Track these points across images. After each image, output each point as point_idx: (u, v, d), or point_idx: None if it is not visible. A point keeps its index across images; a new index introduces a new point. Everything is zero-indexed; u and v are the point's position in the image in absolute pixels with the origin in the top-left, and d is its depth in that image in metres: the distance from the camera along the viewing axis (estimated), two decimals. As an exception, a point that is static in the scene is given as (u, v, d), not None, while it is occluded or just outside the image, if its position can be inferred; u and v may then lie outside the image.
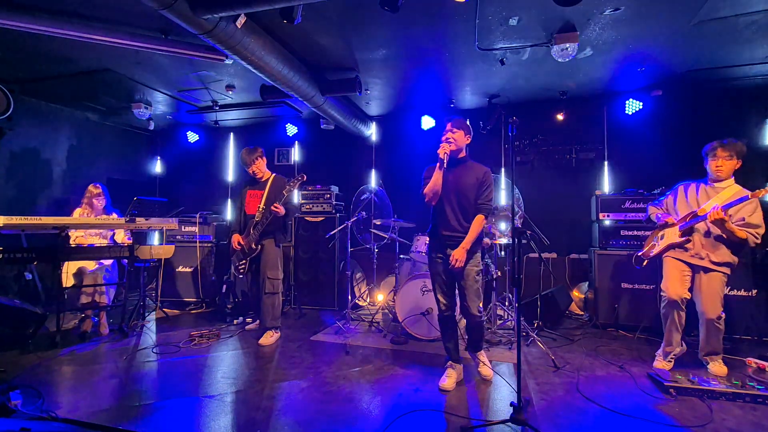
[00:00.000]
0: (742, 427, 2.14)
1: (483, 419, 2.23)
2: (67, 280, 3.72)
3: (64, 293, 3.65)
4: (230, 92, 4.63)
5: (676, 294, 2.84)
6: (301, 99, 4.07)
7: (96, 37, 3.14)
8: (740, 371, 2.89)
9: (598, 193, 4.34)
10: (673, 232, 2.95)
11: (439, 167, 2.58)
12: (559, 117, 4.80)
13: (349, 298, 4.03)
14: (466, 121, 2.70)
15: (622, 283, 3.99)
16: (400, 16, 2.92)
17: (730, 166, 2.81)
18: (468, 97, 4.90)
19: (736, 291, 3.61)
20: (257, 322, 3.95)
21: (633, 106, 4.60)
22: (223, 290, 4.66)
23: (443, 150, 2.54)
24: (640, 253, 3.19)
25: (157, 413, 2.29)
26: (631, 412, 2.30)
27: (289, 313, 4.70)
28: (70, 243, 3.83)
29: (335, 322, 4.17)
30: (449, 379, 2.66)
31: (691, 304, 2.90)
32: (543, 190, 5.00)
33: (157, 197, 6.43)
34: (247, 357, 3.23)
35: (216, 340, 3.63)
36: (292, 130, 5.80)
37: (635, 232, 4.08)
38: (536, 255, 4.45)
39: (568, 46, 3.23)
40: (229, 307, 4.57)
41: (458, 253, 2.51)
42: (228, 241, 3.78)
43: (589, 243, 4.63)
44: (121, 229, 3.99)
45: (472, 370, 2.89)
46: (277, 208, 3.41)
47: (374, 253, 4.31)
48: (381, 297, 4.58)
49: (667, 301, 2.89)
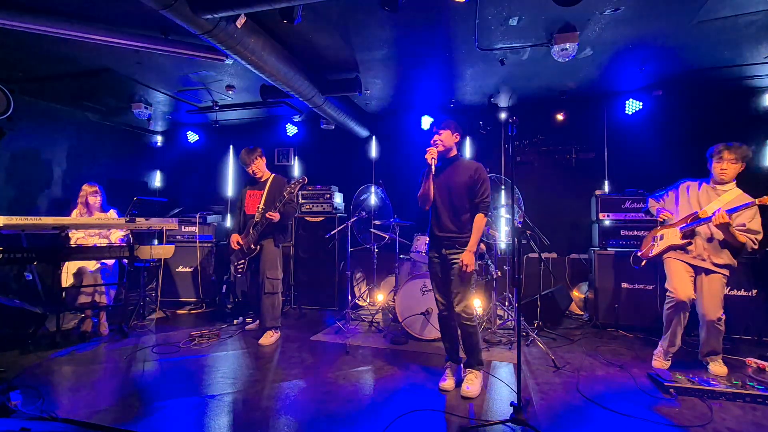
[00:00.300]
0: (742, 427, 2.14)
1: (483, 419, 2.23)
2: (67, 280, 3.72)
3: (64, 293, 3.65)
4: (230, 92, 4.63)
5: (685, 295, 2.82)
6: (301, 99, 4.07)
7: (96, 37, 3.14)
8: (740, 371, 2.89)
9: (598, 193, 4.34)
10: (674, 234, 2.94)
11: (428, 173, 2.60)
12: (559, 117, 4.80)
13: (349, 298, 4.03)
14: (453, 120, 2.69)
15: (622, 283, 3.99)
16: (400, 16, 2.93)
17: (735, 170, 2.81)
18: (468, 97, 4.90)
19: (736, 291, 3.61)
20: (257, 322, 3.95)
21: (633, 106, 4.60)
22: (223, 290, 4.67)
23: (430, 155, 2.55)
24: (639, 254, 3.19)
25: (157, 413, 2.29)
26: (631, 412, 2.30)
27: (289, 313, 4.70)
28: (71, 244, 3.84)
29: (335, 322, 4.17)
30: (449, 379, 2.66)
31: (693, 304, 2.90)
32: (543, 190, 5.00)
33: (157, 197, 6.43)
34: (247, 357, 3.23)
35: (216, 340, 3.63)
36: (292, 130, 5.80)
37: (635, 232, 4.08)
38: (536, 255, 4.45)
39: (568, 46, 3.23)
40: (229, 307, 4.57)
41: (465, 257, 2.49)
42: (228, 241, 3.78)
43: (589, 243, 4.63)
44: (115, 230, 3.98)
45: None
46: (272, 216, 3.41)
47: (374, 253, 4.31)
48: (381, 297, 4.58)
49: (675, 302, 2.85)
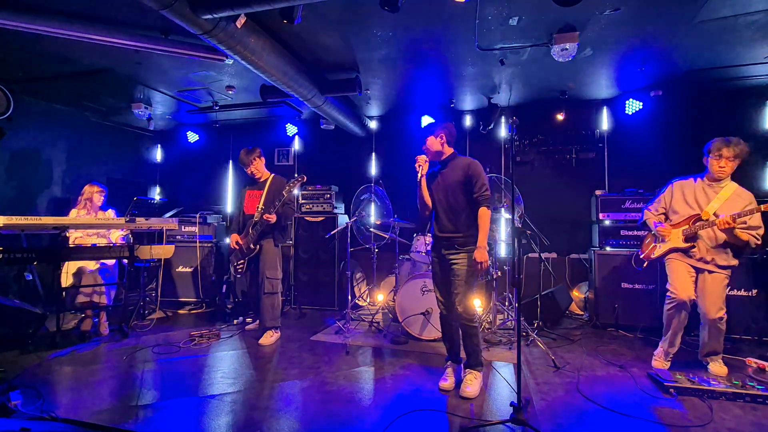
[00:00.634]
0: (742, 427, 2.14)
1: (483, 419, 2.23)
2: (67, 280, 3.72)
3: (64, 293, 3.65)
4: (230, 92, 4.63)
5: (686, 295, 2.82)
6: (301, 99, 4.07)
7: (96, 37, 3.14)
8: (740, 371, 2.89)
9: (598, 193, 4.34)
10: (677, 236, 2.93)
11: (419, 180, 2.68)
12: (559, 117, 4.80)
13: (349, 298, 4.03)
14: (440, 122, 2.76)
15: (622, 283, 3.99)
16: (400, 16, 2.92)
17: (733, 167, 2.81)
18: (468, 97, 4.90)
19: (736, 291, 3.61)
20: (257, 322, 3.95)
21: (633, 106, 4.60)
22: (223, 290, 4.66)
23: (417, 163, 2.65)
24: (641, 255, 3.18)
25: (157, 413, 2.29)
26: (631, 412, 2.30)
27: (289, 313, 4.70)
28: (69, 243, 3.84)
29: (335, 322, 4.17)
30: (449, 379, 2.66)
31: (693, 304, 2.89)
32: (543, 190, 5.00)
33: (157, 197, 6.43)
34: (247, 357, 3.23)
35: (216, 340, 3.63)
36: (292, 130, 5.80)
37: (635, 232, 4.08)
38: (536, 255, 4.45)
39: (568, 46, 3.23)
40: (229, 307, 4.57)
41: (479, 254, 2.48)
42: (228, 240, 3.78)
43: (589, 243, 4.63)
44: (115, 230, 3.99)
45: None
46: (269, 217, 3.41)
47: (374, 253, 4.31)
48: (381, 297, 4.58)
49: (676, 303, 2.85)
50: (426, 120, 5.15)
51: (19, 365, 2.96)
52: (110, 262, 3.95)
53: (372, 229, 4.51)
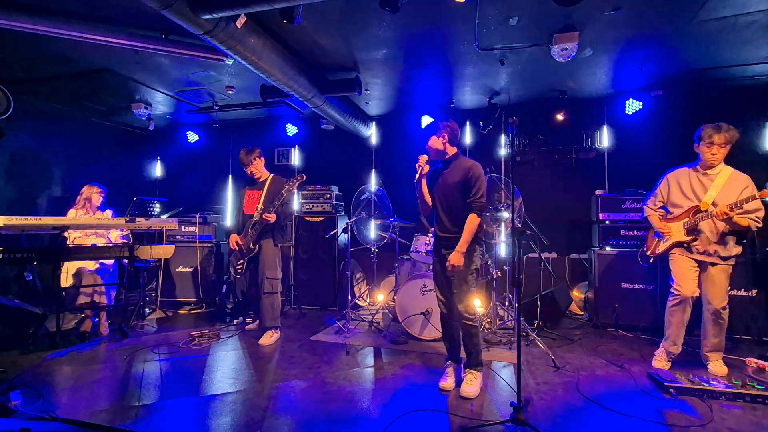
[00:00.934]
0: (742, 427, 2.14)
1: (483, 419, 2.23)
2: (67, 280, 3.72)
3: (64, 293, 3.65)
4: (230, 92, 4.63)
5: (690, 291, 2.83)
6: (301, 99, 4.07)
7: (96, 37, 3.14)
8: (740, 371, 2.89)
9: (598, 193, 4.34)
10: (678, 230, 2.92)
11: (418, 181, 2.68)
12: (559, 117, 4.80)
13: (349, 298, 4.03)
14: (439, 122, 2.69)
15: (622, 283, 3.99)
16: (400, 16, 2.92)
17: (725, 153, 2.80)
18: (468, 97, 4.90)
19: (736, 291, 3.60)
20: (257, 322, 3.95)
21: (633, 106, 4.60)
22: (223, 290, 4.66)
23: (418, 164, 2.65)
24: (647, 252, 3.17)
25: (157, 413, 2.29)
26: (631, 412, 2.30)
27: (289, 313, 4.70)
28: (68, 243, 3.84)
29: (335, 322, 4.17)
30: (449, 379, 2.66)
31: (694, 303, 2.90)
32: (543, 190, 5.00)
33: (157, 197, 6.42)
34: (247, 357, 3.23)
35: (216, 340, 3.63)
36: (292, 130, 5.80)
37: (635, 232, 4.08)
38: (536, 255, 4.45)
39: (568, 46, 3.23)
40: (229, 307, 4.57)
41: (453, 257, 2.50)
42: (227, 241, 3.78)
43: (589, 243, 4.63)
44: (114, 229, 3.99)
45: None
46: (268, 217, 3.41)
47: (374, 253, 4.31)
48: (381, 297, 4.58)
49: (680, 299, 2.86)
50: (426, 120, 5.16)
51: (19, 365, 2.96)
52: (110, 262, 3.95)
53: (372, 229, 4.51)
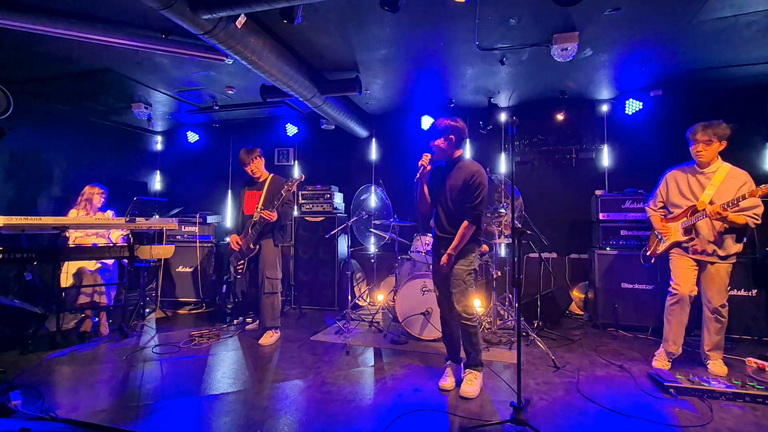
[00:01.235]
0: (742, 427, 2.15)
1: (483, 419, 2.23)
2: (67, 280, 3.72)
3: (64, 293, 3.65)
4: (230, 92, 4.63)
5: (688, 290, 2.85)
6: (301, 99, 4.07)
7: (96, 37, 3.14)
8: (740, 371, 2.89)
9: (598, 193, 4.34)
10: (677, 230, 2.93)
11: (420, 178, 2.65)
12: (559, 117, 4.80)
13: (349, 298, 4.03)
14: (447, 120, 2.61)
15: (622, 283, 3.99)
16: (400, 16, 2.92)
17: (711, 150, 2.80)
18: (468, 97, 4.89)
19: (736, 291, 3.60)
20: (257, 322, 3.95)
21: (633, 106, 4.60)
22: (223, 290, 4.66)
23: (421, 162, 2.60)
24: (648, 252, 3.18)
25: (157, 413, 2.29)
26: (631, 412, 2.30)
27: (289, 313, 4.70)
28: (69, 243, 3.84)
29: (335, 322, 4.17)
30: (449, 378, 2.66)
31: (693, 303, 2.90)
32: (543, 191, 5.00)
33: (157, 197, 6.42)
34: (247, 357, 3.23)
35: (216, 340, 3.63)
36: (292, 130, 5.80)
37: (635, 232, 4.08)
38: (536, 255, 4.45)
39: (568, 46, 3.23)
40: (229, 307, 4.57)
41: (443, 258, 2.55)
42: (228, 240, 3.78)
43: (589, 243, 4.63)
44: (115, 230, 3.99)
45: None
46: (270, 215, 3.41)
47: (374, 253, 4.31)
48: (381, 297, 4.58)
49: (677, 298, 2.88)
50: (426, 120, 5.15)
51: (19, 365, 2.96)
52: (110, 262, 3.95)
53: (372, 229, 4.51)
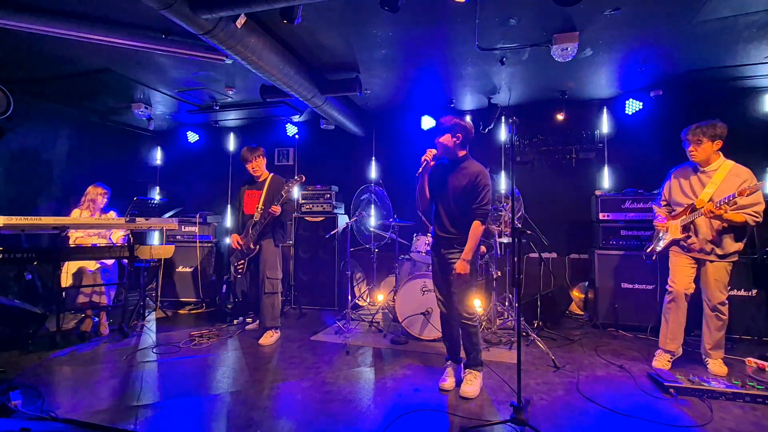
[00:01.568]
0: (742, 427, 2.15)
1: (483, 419, 2.23)
2: (67, 280, 3.72)
3: (64, 293, 3.65)
4: (230, 92, 4.63)
5: (684, 288, 2.87)
6: (301, 99, 4.07)
7: (96, 37, 3.14)
8: (740, 371, 2.89)
9: (598, 193, 4.34)
10: (675, 228, 2.93)
11: (422, 173, 2.62)
12: (559, 117, 4.80)
13: (349, 298, 4.03)
14: (456, 118, 2.58)
15: (622, 283, 3.99)
16: (400, 16, 2.92)
17: (704, 150, 2.80)
18: (468, 97, 4.89)
19: (736, 291, 3.60)
20: (257, 322, 3.95)
21: (633, 106, 4.60)
22: (223, 290, 4.66)
23: (424, 157, 2.57)
24: (648, 249, 3.18)
25: (157, 413, 2.29)
26: (631, 412, 2.30)
27: (289, 313, 4.70)
28: (70, 243, 3.84)
29: (335, 322, 4.17)
30: (449, 379, 2.66)
31: (693, 303, 2.90)
32: (543, 191, 4.99)
33: (157, 197, 6.42)
34: (247, 357, 3.23)
35: (216, 340, 3.63)
36: (292, 130, 5.80)
37: (635, 232, 4.08)
38: (536, 255, 4.45)
39: (568, 46, 3.23)
40: (229, 307, 4.57)
41: (459, 266, 2.49)
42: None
43: (589, 243, 4.63)
44: (117, 230, 3.99)
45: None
46: (275, 209, 3.41)
47: (374, 253, 4.31)
48: (381, 297, 4.58)
49: (673, 296, 2.91)
50: (426, 120, 5.16)
51: (19, 365, 2.96)
52: (110, 262, 3.95)
53: (372, 229, 4.51)
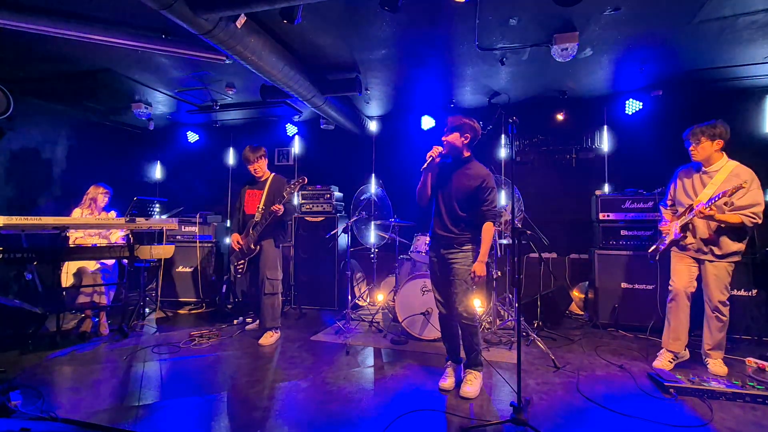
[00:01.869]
0: (742, 427, 2.15)
1: (483, 419, 2.23)
2: (67, 280, 3.72)
3: (64, 293, 3.65)
4: (230, 92, 4.63)
5: (683, 287, 2.88)
6: (301, 99, 4.07)
7: (96, 37, 3.14)
8: (740, 371, 2.89)
9: (598, 193, 4.34)
10: (675, 228, 2.95)
11: (427, 169, 2.59)
12: (559, 117, 4.80)
13: (349, 298, 4.03)
14: (465, 118, 2.57)
15: (622, 283, 3.99)
16: (400, 16, 2.93)
17: (703, 149, 2.81)
18: (468, 97, 4.90)
19: (736, 291, 3.59)
20: (257, 322, 3.95)
21: (633, 106, 4.60)
22: (223, 290, 4.66)
23: (430, 154, 2.53)
24: (651, 249, 3.19)
25: (157, 413, 2.29)
26: (631, 412, 2.30)
27: (289, 313, 4.70)
28: (69, 243, 3.84)
29: (335, 322, 4.17)
30: (449, 379, 2.66)
31: (695, 303, 2.91)
32: (543, 191, 5.00)
33: (157, 197, 6.42)
34: (247, 357, 3.23)
35: (216, 340, 3.63)
36: (292, 130, 5.80)
37: (635, 232, 4.07)
38: (536, 255, 4.45)
39: (568, 46, 3.23)
40: (229, 307, 4.57)
41: (478, 268, 2.50)
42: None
43: (590, 243, 4.63)
44: (115, 230, 3.99)
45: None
46: (278, 208, 3.41)
47: (374, 253, 4.31)
48: (381, 297, 4.58)
49: (673, 295, 2.93)
50: (426, 120, 5.16)
51: (19, 365, 2.96)
52: (110, 262, 3.95)
53: (372, 229, 4.51)
